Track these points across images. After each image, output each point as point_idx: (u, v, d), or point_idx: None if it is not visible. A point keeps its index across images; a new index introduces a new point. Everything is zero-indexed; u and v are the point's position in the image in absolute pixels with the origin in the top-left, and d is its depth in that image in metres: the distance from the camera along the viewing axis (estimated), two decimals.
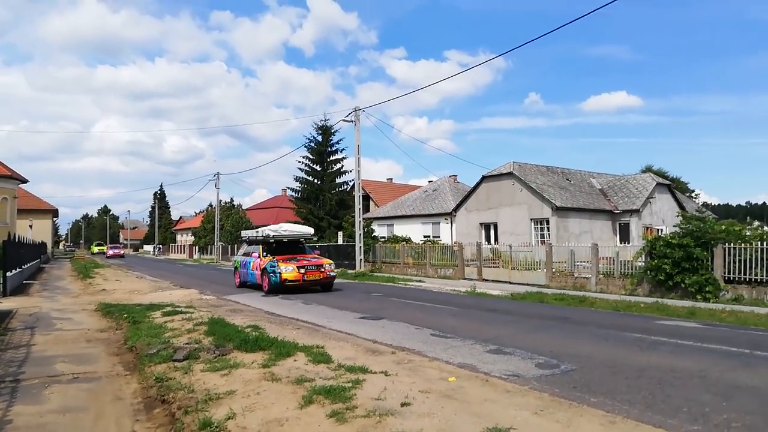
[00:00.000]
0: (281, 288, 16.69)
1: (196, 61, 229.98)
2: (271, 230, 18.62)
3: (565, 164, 54.07)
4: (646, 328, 10.16)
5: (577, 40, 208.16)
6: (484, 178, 32.36)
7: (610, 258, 19.04)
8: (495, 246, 26.82)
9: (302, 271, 16.90)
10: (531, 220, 29.39)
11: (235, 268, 20.48)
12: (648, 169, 47.92)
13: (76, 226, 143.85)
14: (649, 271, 16.67)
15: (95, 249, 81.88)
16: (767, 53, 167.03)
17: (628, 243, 27.08)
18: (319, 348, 7.48)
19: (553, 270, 20.26)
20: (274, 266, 16.87)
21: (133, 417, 5.24)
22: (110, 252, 66.92)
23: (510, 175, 30.52)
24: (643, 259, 17.27)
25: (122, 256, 64.95)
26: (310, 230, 20.18)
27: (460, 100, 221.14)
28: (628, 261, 18.11)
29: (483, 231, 32.30)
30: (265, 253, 17.95)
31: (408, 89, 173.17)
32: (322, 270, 17.32)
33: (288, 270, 16.71)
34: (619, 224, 31.02)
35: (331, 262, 18.60)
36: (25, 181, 43.82)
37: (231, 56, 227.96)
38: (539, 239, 28.44)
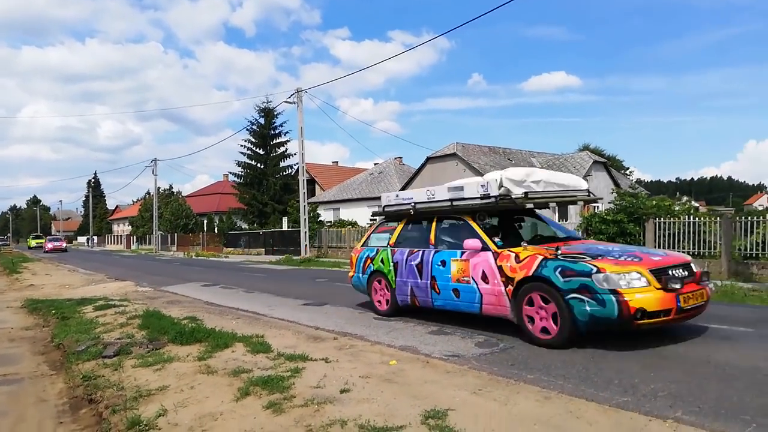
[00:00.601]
0: (621, 328, 6.42)
1: (131, 42, 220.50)
2: (512, 179, 7.70)
3: (508, 144, 55.31)
4: None
5: (518, 21, 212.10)
6: (428, 160, 32.61)
7: None
8: None
9: (672, 285, 6.23)
10: None
11: (371, 273, 9.69)
12: (585, 148, 49.57)
13: (3, 218, 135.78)
14: None
15: (32, 242, 73.68)
16: (696, 35, 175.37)
17: (566, 220, 27.98)
18: (259, 337, 7.31)
19: None
20: (591, 272, 6.29)
21: (56, 419, 4.95)
22: (49, 246, 57.33)
23: (454, 156, 30.87)
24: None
25: (65, 250, 56.97)
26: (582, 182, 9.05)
27: (406, 81, 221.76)
28: None
29: None
30: (497, 239, 7.73)
31: (353, 69, 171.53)
32: (703, 282, 6.89)
33: (641, 283, 6.20)
34: None
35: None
36: None
37: (168, 36, 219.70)
38: None
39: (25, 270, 25.42)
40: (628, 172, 60.33)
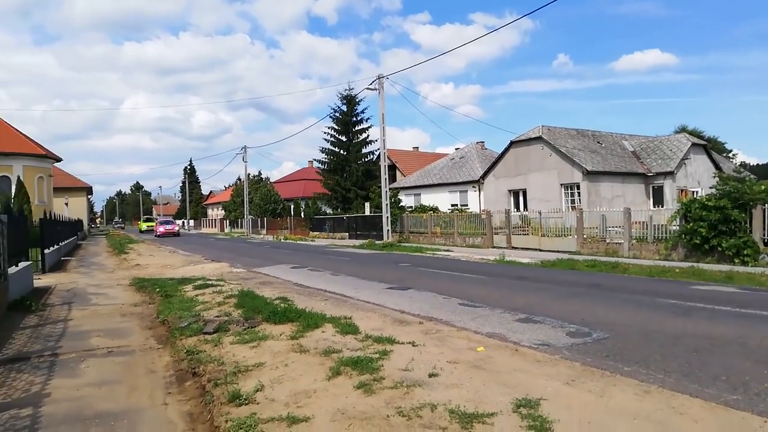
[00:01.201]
0: None
1: (220, 34, 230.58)
2: None
3: (596, 127, 52.79)
4: (682, 293, 9.90)
5: None
6: (512, 144, 31.77)
7: (644, 222, 18.57)
8: (524, 213, 26.46)
9: None
10: (561, 185, 28.82)
11: None
12: (683, 130, 46.33)
13: (111, 203, 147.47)
14: (684, 235, 16.22)
15: (143, 225, 68.75)
16: None
17: (662, 206, 26.40)
18: (347, 319, 7.49)
19: (584, 236, 19.89)
20: None
21: (165, 390, 5.33)
22: (161, 229, 49.74)
23: (539, 139, 29.87)
24: (678, 223, 16.80)
25: (177, 234, 50.27)
26: None
27: (488, 64, 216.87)
28: (662, 225, 17.64)
29: (512, 198, 31.87)
30: None
31: (433, 54, 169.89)
32: None
33: None
34: (653, 187, 30.20)
35: None
36: (59, 160, 44.83)
37: (254, 27, 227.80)
38: (570, 205, 27.92)
39: (131, 251, 27.49)
40: (731, 155, 55.91)
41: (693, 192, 27.85)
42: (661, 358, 5.61)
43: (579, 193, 27.94)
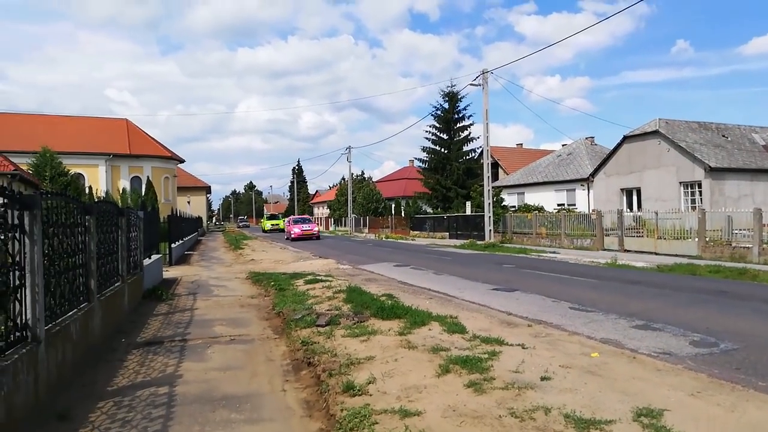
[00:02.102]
0: None
1: (325, 36, 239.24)
2: None
3: (721, 119, 48.47)
4: None
5: None
6: (625, 139, 30.00)
7: None
8: (638, 213, 24.91)
9: None
10: (680, 183, 26.80)
11: None
12: None
13: (226, 202, 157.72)
14: None
15: (267, 224, 60.85)
16: None
17: None
18: (453, 318, 7.51)
19: (707, 239, 18.37)
20: None
21: (283, 377, 5.66)
22: (296, 231, 37.74)
23: (656, 134, 27.95)
24: None
25: (317, 238, 38.16)
26: None
27: (597, 53, 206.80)
28: None
29: (624, 197, 30.12)
30: None
31: (539, 46, 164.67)
32: None
33: None
34: None
35: None
36: (182, 161, 48.79)
37: (358, 28, 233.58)
38: (690, 205, 25.89)
39: (246, 247, 29.30)
40: None
41: None
42: None
43: (700, 192, 25.84)
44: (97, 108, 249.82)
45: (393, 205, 55.89)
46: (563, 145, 45.01)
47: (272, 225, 59.58)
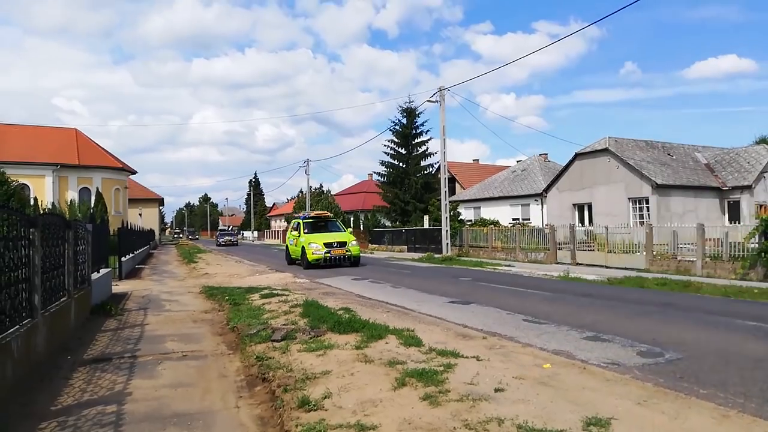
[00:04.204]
0: None
1: (284, 50, 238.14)
2: None
3: (667, 138, 50.67)
4: (762, 315, 9.35)
5: (678, 3, 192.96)
6: (577, 156, 30.98)
7: (718, 239, 17.65)
8: (590, 228, 25.73)
9: None
10: (629, 199, 27.83)
11: None
12: (762, 141, 43.69)
13: (180, 214, 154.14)
14: (763, 254, 15.31)
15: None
16: None
17: (739, 223, 24.96)
18: (410, 331, 7.54)
19: (654, 253, 19.11)
20: None
21: (236, 393, 5.54)
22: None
23: (605, 151, 28.99)
24: (757, 240, 15.87)
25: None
26: None
27: (551, 73, 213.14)
28: (739, 242, 16.71)
29: (576, 212, 31.03)
30: None
31: (494, 65, 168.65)
32: None
33: None
34: (728, 202, 28.65)
35: None
36: (134, 172, 47.48)
37: (317, 42, 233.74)
38: (638, 220, 26.89)
39: (200, 260, 28.65)
40: None
41: None
42: (740, 381, 5.34)
43: (648, 207, 26.88)
44: (45, 117, 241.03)
45: (352, 219, 55.81)
46: (518, 161, 46.10)
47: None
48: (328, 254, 21.34)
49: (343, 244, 21.88)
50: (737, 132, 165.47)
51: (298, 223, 24.57)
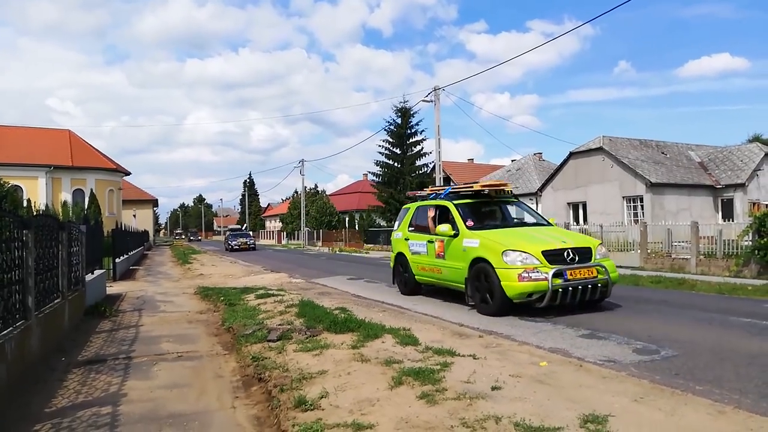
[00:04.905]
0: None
1: (278, 49, 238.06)
2: None
3: (660, 137, 50.85)
4: (756, 312, 9.39)
5: (672, 1, 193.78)
6: (571, 155, 31.10)
7: (712, 237, 17.72)
8: (585, 226, 25.77)
9: None
10: (623, 198, 27.96)
11: None
12: (755, 139, 44.00)
13: (174, 215, 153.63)
14: (757, 251, 15.36)
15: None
16: None
17: (732, 220, 25.13)
18: (406, 330, 7.53)
19: (648, 251, 19.18)
20: None
21: (232, 393, 5.53)
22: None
23: (600, 150, 29.11)
24: (750, 238, 15.94)
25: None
26: None
27: (545, 72, 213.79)
28: (733, 240, 16.78)
29: (571, 211, 31.15)
30: None
31: (489, 64, 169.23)
32: None
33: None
34: (722, 200, 28.82)
35: None
36: (128, 174, 47.32)
37: (311, 42, 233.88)
38: (632, 218, 27.01)
39: (195, 261, 28.55)
40: None
41: (766, 205, 26.37)
42: (735, 378, 5.36)
43: (642, 206, 27.01)
44: (38, 118, 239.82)
45: (347, 219, 55.84)
46: (512, 161, 46.25)
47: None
48: (564, 281, 8.90)
49: (585, 254, 9.47)
50: (730, 130, 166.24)
51: (439, 207, 11.55)
